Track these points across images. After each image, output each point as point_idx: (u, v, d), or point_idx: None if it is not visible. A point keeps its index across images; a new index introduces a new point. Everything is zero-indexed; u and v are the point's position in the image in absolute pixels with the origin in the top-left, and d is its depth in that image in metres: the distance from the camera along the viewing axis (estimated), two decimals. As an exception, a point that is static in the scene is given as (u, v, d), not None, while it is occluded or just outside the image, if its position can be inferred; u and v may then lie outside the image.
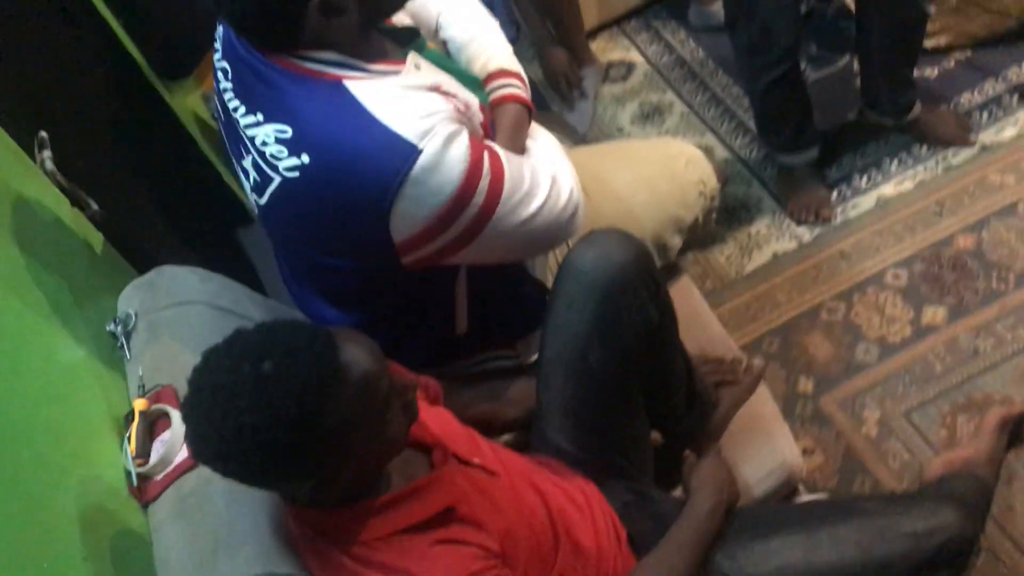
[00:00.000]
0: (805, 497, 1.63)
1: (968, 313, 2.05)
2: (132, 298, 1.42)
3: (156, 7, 2.03)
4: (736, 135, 2.55)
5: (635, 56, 2.84)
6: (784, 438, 1.62)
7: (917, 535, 1.35)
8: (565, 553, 1.25)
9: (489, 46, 1.46)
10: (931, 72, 2.50)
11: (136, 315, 1.38)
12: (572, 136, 2.56)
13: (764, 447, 1.60)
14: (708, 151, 2.43)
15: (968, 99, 2.43)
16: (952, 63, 2.51)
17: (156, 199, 1.98)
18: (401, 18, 1.42)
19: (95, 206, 1.54)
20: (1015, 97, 2.40)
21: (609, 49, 2.87)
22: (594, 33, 2.90)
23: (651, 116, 2.67)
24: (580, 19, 2.69)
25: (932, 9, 2.26)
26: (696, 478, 1.39)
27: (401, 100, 1.20)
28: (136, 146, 1.96)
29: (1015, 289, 2.06)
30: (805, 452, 1.94)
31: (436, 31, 1.48)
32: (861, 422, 1.97)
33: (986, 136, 2.34)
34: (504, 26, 1.58)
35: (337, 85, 1.20)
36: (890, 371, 2.02)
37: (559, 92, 2.71)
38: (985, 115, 2.38)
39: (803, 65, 2.42)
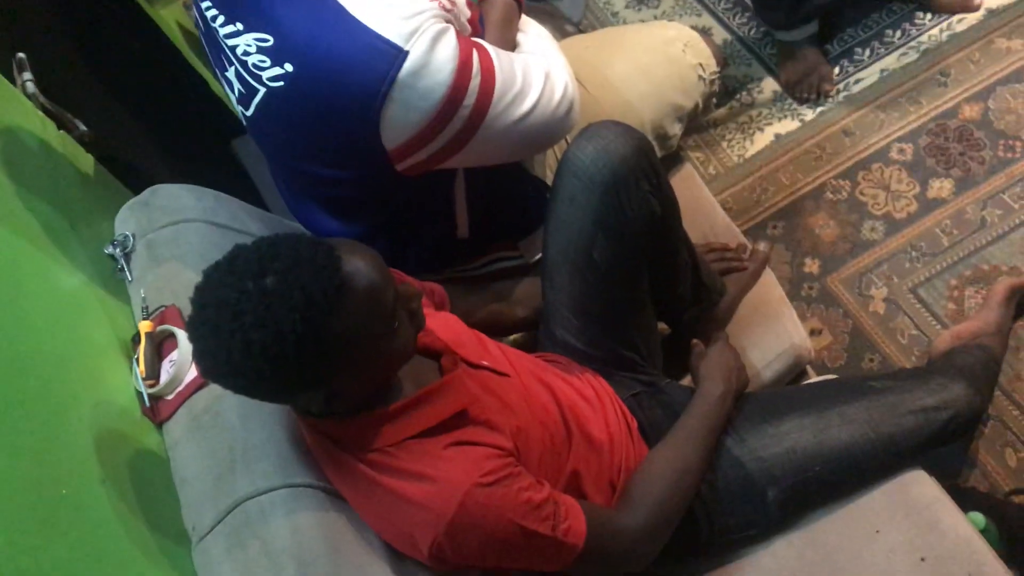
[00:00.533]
0: (814, 379, 1.64)
1: (975, 184, 2.03)
2: (128, 219, 1.40)
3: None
4: (734, 13, 2.48)
5: (626, -65, 2.74)
6: (791, 321, 1.62)
7: (927, 410, 1.37)
8: (578, 447, 1.27)
9: (473, -64, 1.40)
10: (934, -66, 2.41)
11: (134, 236, 1.37)
12: (565, 26, 2.49)
13: (771, 331, 1.61)
14: (705, 32, 2.37)
15: (973, -40, 2.34)
16: (955, -77, 2.41)
17: (145, 115, 1.94)
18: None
19: (82, 127, 1.51)
20: (1022, -44, 2.31)
21: (599, -70, 2.76)
22: (582, -86, 2.79)
23: (645, -2, 2.59)
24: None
25: None
26: (704, 366, 1.40)
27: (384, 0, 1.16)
28: (119, 62, 1.92)
29: (1023, 157, 2.03)
30: (813, 333, 1.95)
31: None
32: (868, 300, 1.97)
33: (992, -1, 2.27)
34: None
35: (317, -12, 1.16)
36: (896, 247, 2.01)
37: (549, -22, 2.62)
38: (991, -24, 2.30)
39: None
